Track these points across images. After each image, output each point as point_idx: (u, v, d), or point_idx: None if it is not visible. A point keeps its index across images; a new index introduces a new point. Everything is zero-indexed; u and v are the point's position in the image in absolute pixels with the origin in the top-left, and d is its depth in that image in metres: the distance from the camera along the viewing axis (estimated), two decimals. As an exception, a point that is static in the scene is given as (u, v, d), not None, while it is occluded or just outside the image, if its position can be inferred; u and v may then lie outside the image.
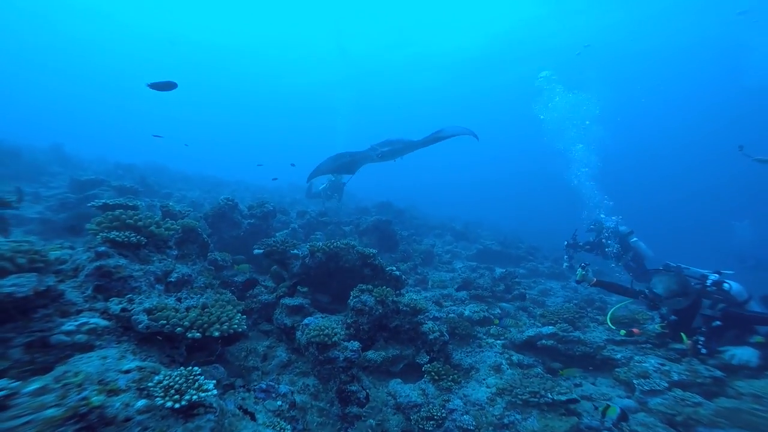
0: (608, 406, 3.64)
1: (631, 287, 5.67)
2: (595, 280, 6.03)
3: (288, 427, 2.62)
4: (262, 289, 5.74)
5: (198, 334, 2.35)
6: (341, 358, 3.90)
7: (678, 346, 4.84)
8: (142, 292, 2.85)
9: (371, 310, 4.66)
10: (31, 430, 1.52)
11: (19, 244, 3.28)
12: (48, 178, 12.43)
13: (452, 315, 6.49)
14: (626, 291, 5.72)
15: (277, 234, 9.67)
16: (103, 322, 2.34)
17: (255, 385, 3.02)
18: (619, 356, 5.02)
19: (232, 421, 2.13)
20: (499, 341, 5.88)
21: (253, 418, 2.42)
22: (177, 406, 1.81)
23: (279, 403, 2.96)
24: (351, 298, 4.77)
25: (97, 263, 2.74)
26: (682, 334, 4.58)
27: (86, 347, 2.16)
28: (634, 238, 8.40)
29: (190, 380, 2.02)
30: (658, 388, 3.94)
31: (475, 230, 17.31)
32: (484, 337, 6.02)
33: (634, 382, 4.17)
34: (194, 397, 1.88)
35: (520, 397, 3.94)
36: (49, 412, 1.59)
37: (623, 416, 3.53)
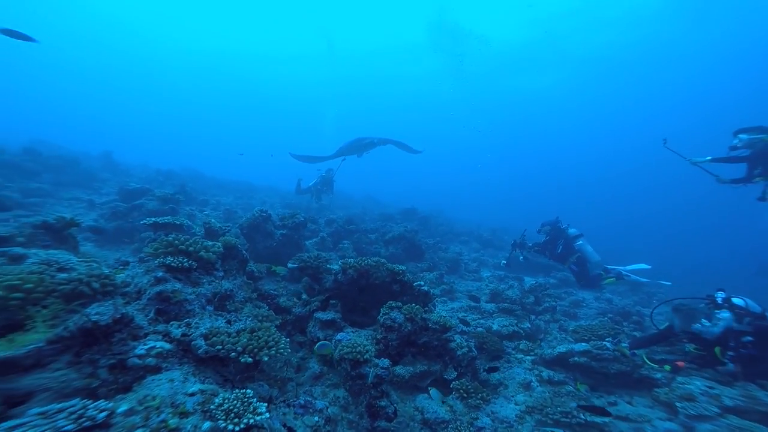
0: None
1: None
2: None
3: None
4: (296, 301, 6.03)
5: (250, 359, 2.60)
6: (372, 374, 4.06)
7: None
8: (195, 314, 3.16)
9: (400, 327, 4.80)
10: None
11: (89, 264, 3.71)
12: (99, 185, 13.56)
13: (480, 329, 6.50)
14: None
15: (307, 243, 10.06)
16: (167, 346, 2.64)
17: (294, 401, 3.25)
18: (659, 376, 4.86)
19: (280, 441, 2.34)
20: (528, 357, 5.84)
21: (296, 436, 2.63)
22: (237, 429, 2.04)
23: (316, 419, 3.17)
24: (381, 314, 4.93)
25: (158, 289, 3.07)
26: (716, 349, 4.40)
27: (155, 369, 2.46)
28: (580, 242, 8.16)
29: (245, 403, 2.25)
30: (707, 413, 3.79)
31: (501, 237, 17.03)
32: (513, 352, 6.00)
33: (677, 405, 4.04)
34: (251, 420, 2.10)
35: (551, 416, 3.94)
36: None
37: None
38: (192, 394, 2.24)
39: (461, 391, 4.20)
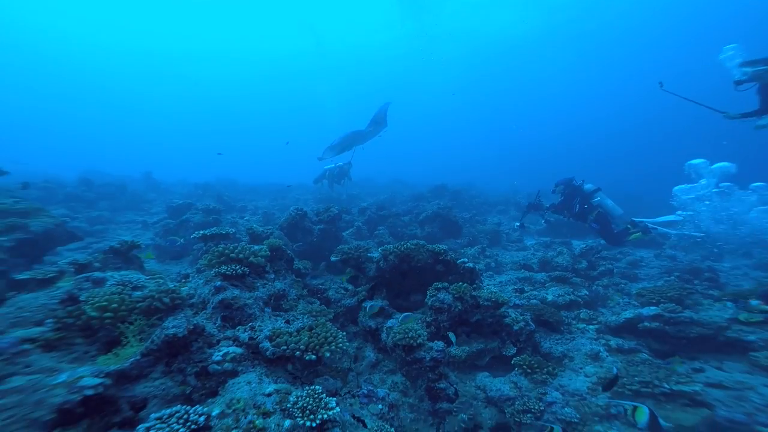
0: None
1: None
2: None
3: (391, 430, 2.88)
4: (343, 292, 6.18)
5: (314, 356, 2.69)
6: (428, 358, 4.08)
7: None
8: (256, 317, 3.31)
9: (450, 307, 4.75)
10: None
11: (157, 281, 3.99)
12: (148, 205, 14.65)
13: (534, 301, 6.29)
14: None
15: (344, 234, 10.22)
16: (239, 350, 2.79)
17: (357, 392, 3.34)
18: (752, 338, 4.37)
19: (351, 431, 2.42)
20: (591, 326, 5.58)
21: (364, 424, 2.71)
22: (313, 425, 2.12)
23: (380, 406, 3.24)
24: (428, 296, 4.90)
25: (220, 297, 3.24)
26: None
27: (233, 373, 2.62)
28: (597, 198, 7.44)
29: (316, 399, 2.34)
30: None
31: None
32: (574, 322, 5.76)
33: None
34: (324, 416, 2.18)
35: (628, 387, 3.74)
36: None
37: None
38: (269, 395, 2.36)
39: (524, 366, 4.10)
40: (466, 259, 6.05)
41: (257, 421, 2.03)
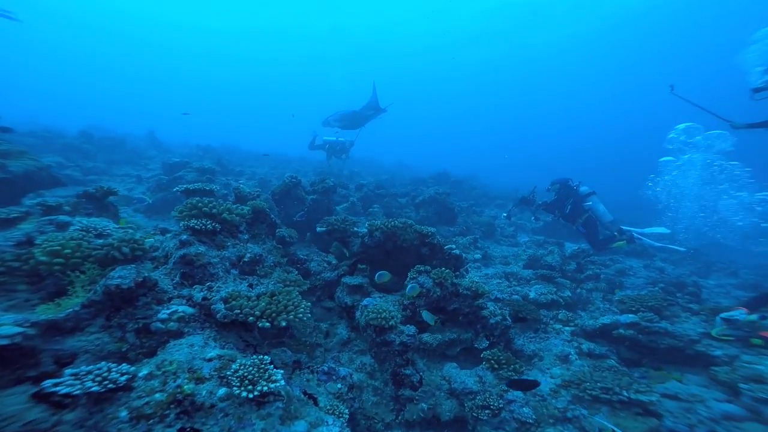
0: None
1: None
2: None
3: (345, 411, 2.79)
4: (325, 265, 6.06)
5: (267, 323, 2.56)
6: (397, 342, 3.98)
7: None
8: (219, 278, 3.17)
9: (429, 292, 4.63)
10: (149, 409, 1.82)
11: (126, 230, 3.83)
12: (146, 162, 14.39)
13: (516, 297, 6.19)
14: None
15: (337, 208, 10.04)
16: (189, 310, 2.66)
17: (318, 368, 3.25)
18: (718, 353, 4.34)
19: (297, 407, 2.31)
20: (567, 327, 5.49)
21: (315, 402, 2.61)
22: (251, 396, 2.00)
23: (339, 386, 3.15)
24: (408, 279, 4.77)
25: (182, 252, 3.09)
26: None
27: (177, 334, 2.49)
28: (589, 203, 7.39)
29: (261, 370, 2.21)
30: None
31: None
32: (551, 322, 5.67)
33: (742, 386, 3.58)
34: (264, 388, 2.06)
35: (589, 392, 3.66)
36: (157, 396, 1.88)
37: None
38: (210, 360, 2.24)
39: (492, 361, 4.02)
40: (453, 246, 5.90)
41: (186, 387, 1.91)
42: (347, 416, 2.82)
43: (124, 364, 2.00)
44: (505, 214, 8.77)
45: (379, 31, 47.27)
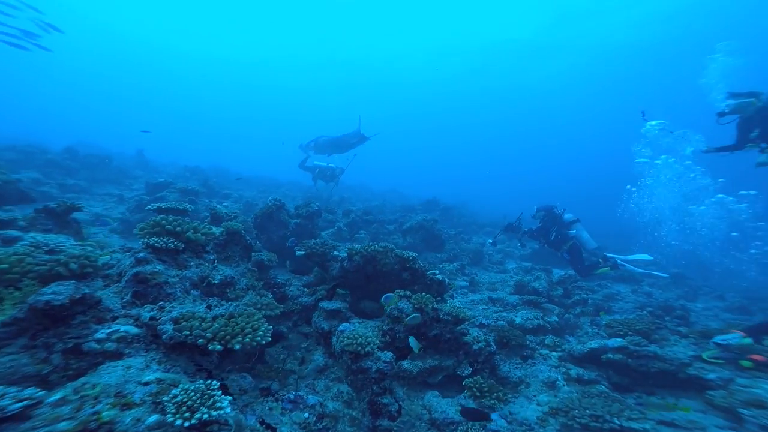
0: None
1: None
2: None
3: None
4: (305, 290, 5.79)
5: (219, 346, 2.32)
6: (374, 369, 3.71)
7: None
8: (176, 298, 2.93)
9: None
10: None
11: (84, 248, 3.60)
12: (131, 181, 14.15)
13: (501, 322, 5.96)
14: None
15: (323, 233, 9.85)
16: (134, 330, 2.41)
17: (283, 396, 2.95)
18: (712, 377, 4.13)
19: (247, 440, 2.04)
20: (555, 353, 5.25)
21: (273, 433, 2.32)
22: (186, 424, 1.75)
23: (306, 415, 2.86)
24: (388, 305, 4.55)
25: (135, 270, 2.87)
26: None
27: (116, 355, 2.23)
28: (574, 230, 7.53)
29: (206, 396, 1.96)
30: None
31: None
32: (538, 347, 5.42)
33: (743, 411, 3.35)
34: (205, 416, 1.80)
35: (578, 420, 3.39)
36: (61, 426, 1.62)
37: None
38: (146, 384, 1.98)
39: (474, 389, 3.75)
40: (437, 271, 5.73)
41: (105, 413, 1.65)
42: (310, 453, 2.51)
43: (31, 389, 1.73)
44: (490, 241, 8.75)
45: (374, 61, 49.63)
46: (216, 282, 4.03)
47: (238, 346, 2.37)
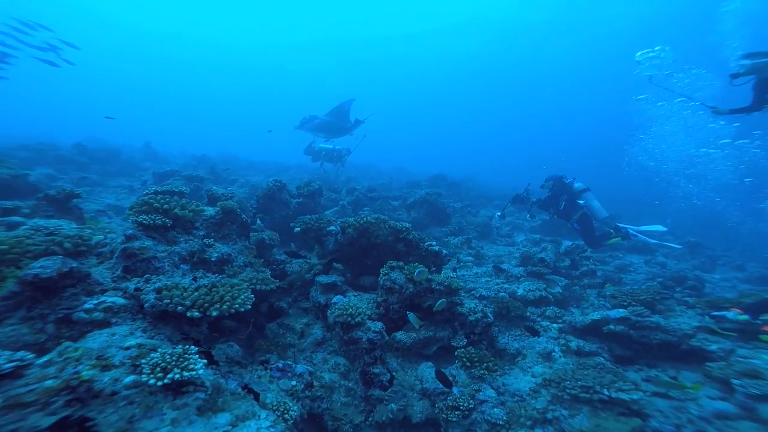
0: None
1: None
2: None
3: (295, 408, 2.59)
4: (306, 267, 5.89)
5: (197, 313, 2.40)
6: (364, 339, 3.77)
7: None
8: (164, 272, 3.03)
9: (401, 289, 4.42)
10: (32, 397, 1.66)
11: (82, 230, 3.74)
12: (141, 173, 14.52)
13: (502, 294, 5.91)
14: None
15: (326, 213, 9.91)
16: (121, 301, 2.52)
17: (272, 364, 3.06)
18: (713, 348, 4.02)
19: (227, 400, 2.13)
20: (555, 324, 5.20)
21: (256, 397, 2.42)
22: (159, 383, 1.84)
23: (293, 383, 2.96)
24: (381, 275, 4.58)
25: (124, 246, 2.96)
26: None
27: (103, 324, 2.35)
28: (581, 201, 7.23)
29: (182, 359, 2.04)
30: None
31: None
32: (538, 319, 5.38)
33: (734, 381, 3.27)
34: (177, 376, 1.88)
35: (568, 390, 3.39)
36: (48, 383, 1.73)
37: None
38: (127, 348, 2.08)
39: (464, 359, 3.77)
40: (434, 243, 5.70)
41: (85, 373, 1.75)
42: (296, 413, 2.61)
43: (22, 352, 1.85)
44: (499, 213, 8.59)
45: (378, 39, 48.23)
46: (213, 260, 4.13)
47: (215, 313, 2.44)
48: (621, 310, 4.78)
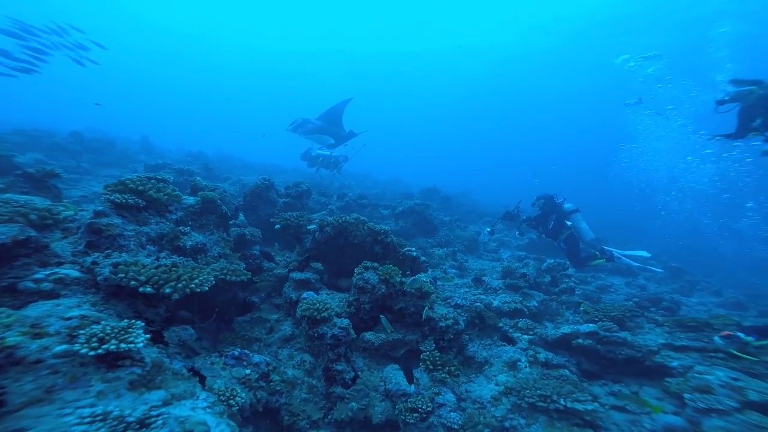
0: None
1: None
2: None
3: (244, 396, 2.54)
4: (282, 264, 5.86)
5: (150, 289, 2.38)
6: (329, 335, 3.74)
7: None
8: (129, 250, 3.01)
9: (373, 289, 4.41)
10: None
11: (55, 205, 3.71)
12: (134, 165, 14.48)
13: (478, 304, 5.90)
14: None
15: (314, 215, 9.92)
16: (75, 274, 2.49)
17: (228, 352, 3.01)
18: (675, 364, 4.04)
19: (166, 379, 2.09)
20: (526, 336, 5.19)
21: (202, 381, 2.38)
22: (92, 353, 1.80)
23: (247, 371, 2.91)
24: (355, 275, 4.57)
25: (90, 220, 2.95)
26: None
27: (51, 295, 2.32)
28: (573, 218, 7.42)
29: (124, 332, 2.02)
30: (720, 407, 3.01)
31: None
32: (510, 330, 5.36)
33: (686, 396, 3.28)
34: (113, 347, 1.86)
35: (527, 399, 3.36)
36: None
37: None
38: (69, 318, 2.05)
39: (428, 362, 3.74)
40: (413, 248, 5.72)
41: (11, 339, 1.72)
42: (244, 401, 2.56)
43: None
44: (488, 229, 8.67)
45: (387, 54, 49.29)
46: (187, 247, 4.12)
47: (168, 290, 2.42)
48: (591, 324, 4.79)
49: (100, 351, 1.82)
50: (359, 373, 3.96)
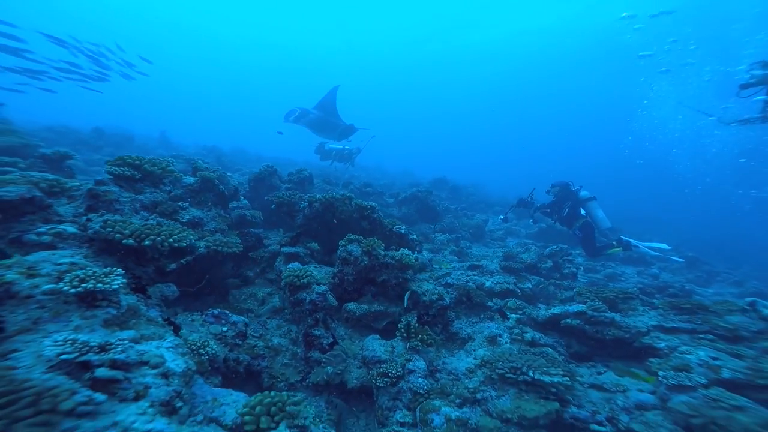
0: None
1: None
2: None
3: (216, 350, 2.78)
4: (277, 239, 6.13)
5: (132, 241, 2.65)
6: (307, 300, 3.94)
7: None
8: (123, 214, 3.32)
9: (356, 261, 4.57)
10: None
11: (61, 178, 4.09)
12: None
13: (470, 284, 5.96)
14: None
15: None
16: (72, 229, 2.81)
17: (208, 311, 3.27)
18: (662, 345, 3.97)
19: (139, 322, 2.35)
20: (515, 315, 5.21)
21: (176, 330, 2.63)
22: (73, 291, 2.07)
23: (224, 329, 3.15)
24: (339, 247, 4.75)
25: (90, 186, 3.28)
26: None
27: (50, 246, 2.63)
28: (589, 206, 7.20)
29: (104, 276, 2.28)
30: (689, 383, 2.98)
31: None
32: (496, 307, 5.39)
33: (660, 374, 3.25)
34: (90, 286, 2.11)
35: (497, 371, 3.43)
36: None
37: None
38: (60, 264, 2.34)
39: (402, 330, 3.88)
40: (402, 226, 5.84)
41: (9, 276, 1.99)
42: (215, 353, 2.80)
43: None
44: (501, 217, 8.58)
45: (405, 52, 49.18)
46: (184, 221, 4.44)
47: (148, 243, 2.69)
48: (580, 305, 4.76)
49: (79, 289, 2.08)
50: (340, 341, 4.15)
